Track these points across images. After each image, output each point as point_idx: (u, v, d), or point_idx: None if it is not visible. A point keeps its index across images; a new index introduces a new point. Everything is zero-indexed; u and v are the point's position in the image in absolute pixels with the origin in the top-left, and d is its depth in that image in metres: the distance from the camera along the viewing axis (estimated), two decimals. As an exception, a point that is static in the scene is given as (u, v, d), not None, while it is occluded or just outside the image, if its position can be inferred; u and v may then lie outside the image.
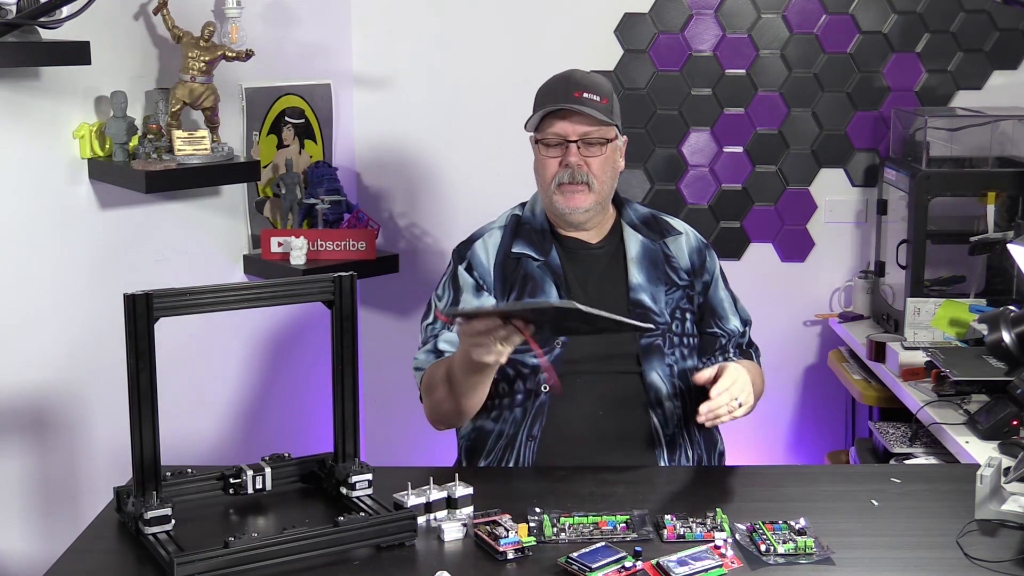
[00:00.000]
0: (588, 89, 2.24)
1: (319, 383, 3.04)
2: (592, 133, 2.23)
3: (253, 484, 1.96)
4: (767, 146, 3.51)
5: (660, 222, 2.39)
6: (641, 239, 2.33)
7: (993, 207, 3.10)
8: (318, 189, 3.22)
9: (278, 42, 3.20)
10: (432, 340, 2.26)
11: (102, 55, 2.52)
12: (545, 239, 2.31)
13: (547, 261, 2.28)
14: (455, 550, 1.80)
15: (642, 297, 2.28)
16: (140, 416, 1.75)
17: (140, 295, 1.73)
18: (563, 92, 2.24)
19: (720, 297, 2.36)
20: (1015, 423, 2.36)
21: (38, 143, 2.56)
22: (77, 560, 1.79)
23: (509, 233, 2.33)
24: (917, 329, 2.99)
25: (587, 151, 2.24)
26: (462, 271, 2.30)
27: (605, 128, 2.25)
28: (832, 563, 1.73)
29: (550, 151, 2.25)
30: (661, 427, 2.23)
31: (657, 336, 2.26)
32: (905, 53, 3.45)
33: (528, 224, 2.34)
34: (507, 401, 2.24)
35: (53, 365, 2.61)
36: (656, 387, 2.24)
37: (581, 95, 2.22)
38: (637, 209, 2.40)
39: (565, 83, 2.26)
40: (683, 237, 2.37)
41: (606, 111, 2.24)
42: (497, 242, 2.32)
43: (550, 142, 2.25)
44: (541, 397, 2.22)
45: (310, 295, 1.92)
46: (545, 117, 2.25)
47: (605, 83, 2.30)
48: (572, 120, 2.23)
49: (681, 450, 2.25)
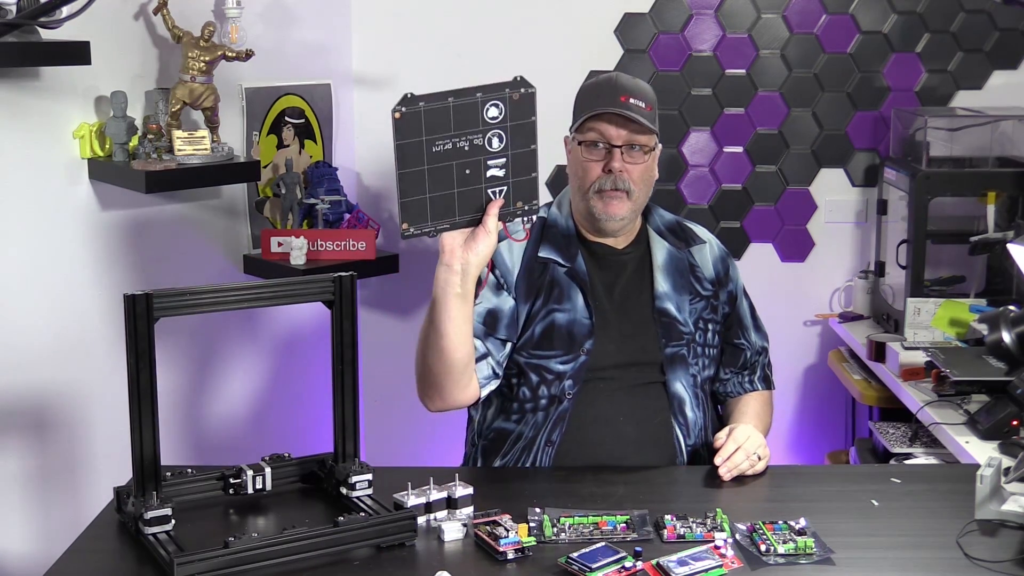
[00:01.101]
0: (635, 95, 2.21)
1: (319, 383, 3.05)
2: (637, 140, 2.21)
3: (253, 484, 1.96)
4: (767, 146, 3.51)
5: (686, 230, 2.38)
6: (668, 247, 2.32)
7: (993, 207, 3.10)
8: (318, 189, 3.21)
9: (278, 42, 3.20)
10: None
11: (102, 55, 2.52)
12: (571, 244, 2.29)
13: (573, 267, 2.26)
14: (455, 550, 1.80)
15: (667, 306, 2.27)
16: (140, 416, 1.76)
17: (140, 295, 1.73)
18: (609, 95, 2.21)
19: (744, 310, 2.37)
20: (1015, 423, 2.36)
21: (38, 143, 2.56)
22: (77, 560, 1.79)
23: (535, 236, 2.30)
24: (917, 329, 2.99)
25: (630, 158, 2.21)
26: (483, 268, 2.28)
27: (649, 136, 2.22)
28: (832, 563, 1.73)
29: (592, 153, 2.22)
30: (683, 438, 2.23)
31: (682, 346, 2.26)
32: (905, 53, 3.45)
33: (555, 227, 2.31)
34: (530, 405, 2.23)
35: (53, 365, 2.61)
36: (680, 396, 2.23)
37: (628, 100, 2.19)
38: (663, 215, 2.39)
39: (612, 86, 2.22)
40: (707, 246, 2.36)
41: (651, 119, 2.21)
42: (524, 245, 2.28)
43: (593, 143, 2.22)
44: (564, 404, 2.21)
45: (310, 295, 1.92)
46: (589, 119, 2.22)
47: (650, 90, 2.27)
48: (618, 125, 2.20)
49: (702, 462, 2.24)
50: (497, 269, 2.27)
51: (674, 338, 2.25)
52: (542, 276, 2.26)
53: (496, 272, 2.26)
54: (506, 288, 2.25)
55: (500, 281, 2.26)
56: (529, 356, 2.22)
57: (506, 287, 2.25)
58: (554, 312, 2.24)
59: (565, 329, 2.22)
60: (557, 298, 2.24)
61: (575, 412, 2.21)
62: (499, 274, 2.26)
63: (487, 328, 2.21)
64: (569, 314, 2.23)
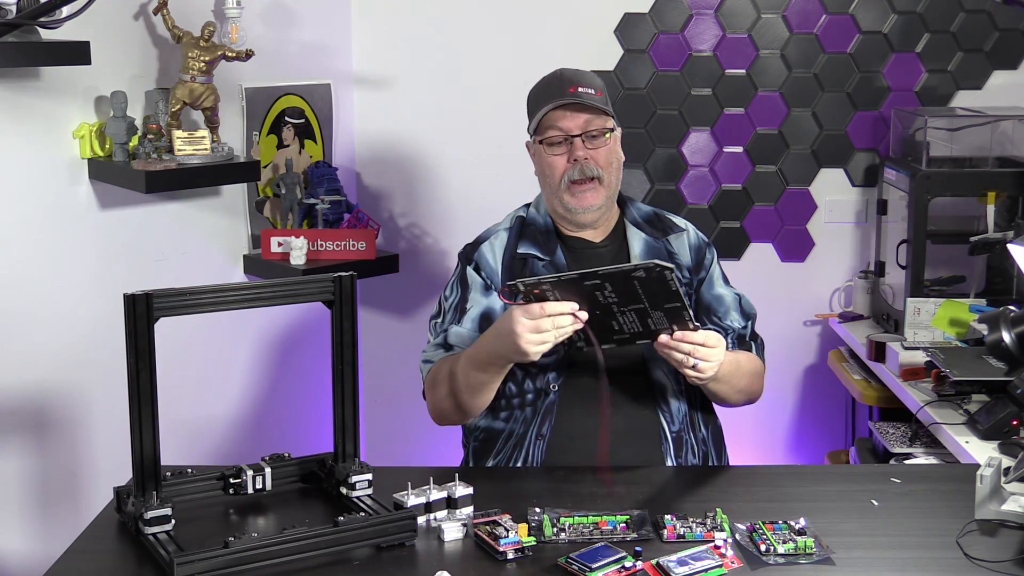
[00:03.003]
0: (581, 83, 2.25)
1: (319, 383, 3.05)
2: (594, 125, 2.24)
3: (253, 484, 1.96)
4: (767, 146, 3.51)
5: (663, 220, 2.39)
6: (644, 237, 2.33)
7: (993, 207, 3.10)
8: (318, 189, 3.22)
9: (278, 42, 3.20)
10: (442, 334, 2.27)
11: (102, 55, 2.52)
12: (550, 239, 2.31)
13: (552, 261, 2.29)
14: (455, 550, 1.80)
15: None
16: (140, 416, 1.75)
17: (140, 295, 1.73)
18: (557, 89, 2.25)
19: (717, 294, 2.35)
20: (1015, 423, 2.36)
21: (38, 143, 2.56)
22: (77, 560, 1.79)
23: (514, 234, 2.34)
24: (917, 329, 2.99)
25: (591, 143, 2.24)
26: (471, 271, 2.30)
27: (605, 118, 2.26)
28: (832, 563, 1.73)
29: (554, 149, 2.25)
30: (667, 424, 2.23)
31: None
32: (905, 53, 3.45)
33: (532, 225, 2.34)
34: (517, 401, 2.24)
35: (53, 365, 2.61)
36: (662, 384, 2.24)
37: (576, 89, 2.23)
38: (640, 208, 2.40)
39: (558, 81, 2.27)
40: (685, 235, 2.37)
41: (602, 102, 2.25)
42: (503, 243, 2.32)
43: (553, 140, 2.25)
44: (550, 396, 2.22)
45: (310, 295, 1.92)
46: (544, 117, 2.25)
47: (596, 78, 2.31)
48: (572, 114, 2.23)
49: (687, 447, 2.25)
50: (483, 271, 2.29)
51: None
52: (522, 272, 2.28)
53: (483, 274, 2.29)
54: (493, 288, 2.28)
55: (487, 282, 2.29)
56: None
57: (494, 287, 2.28)
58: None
59: None
60: None
61: (562, 404, 2.22)
62: (485, 275, 2.29)
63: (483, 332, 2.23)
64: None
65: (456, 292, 2.32)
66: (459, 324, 2.25)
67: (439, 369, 2.22)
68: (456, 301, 2.30)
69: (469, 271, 2.31)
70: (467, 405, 2.18)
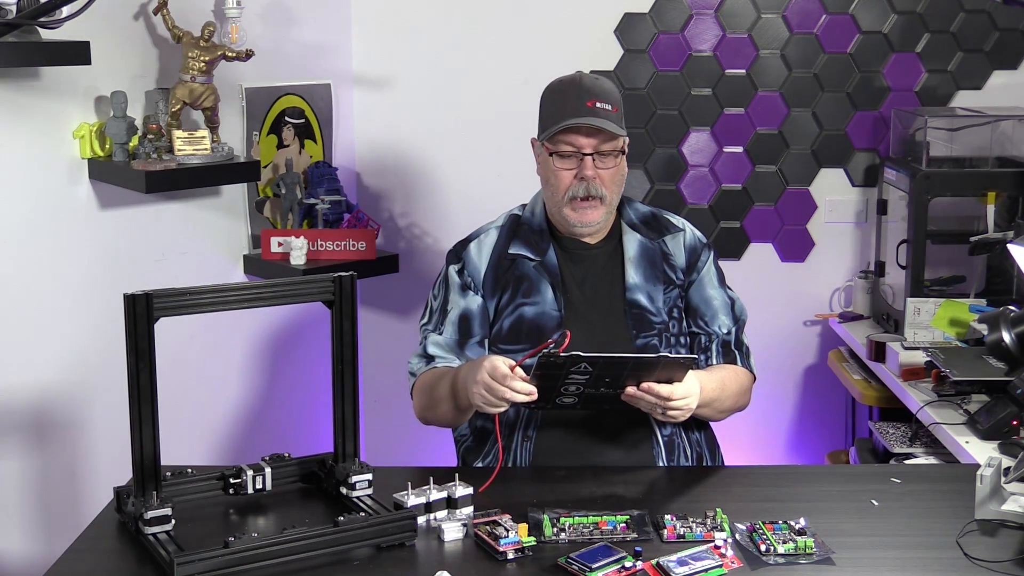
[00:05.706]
0: (600, 98, 2.21)
1: (319, 383, 3.05)
2: (607, 143, 2.22)
3: (253, 484, 1.96)
4: (767, 146, 3.51)
5: (661, 220, 2.38)
6: (639, 238, 2.33)
7: (993, 207, 3.10)
8: (318, 189, 3.22)
9: (278, 42, 3.20)
10: (423, 343, 2.29)
11: (102, 55, 2.52)
12: (543, 239, 2.31)
13: (543, 261, 2.28)
14: (455, 550, 1.80)
15: (638, 297, 2.28)
16: (140, 416, 1.76)
17: (140, 295, 1.73)
18: (575, 101, 2.21)
19: (708, 296, 2.33)
20: (1015, 423, 2.36)
21: (38, 143, 2.56)
22: (77, 560, 1.79)
23: (506, 233, 2.33)
24: (917, 329, 2.99)
25: (601, 163, 2.22)
26: (452, 272, 2.31)
27: (618, 140, 2.23)
28: (832, 563, 1.73)
29: (564, 163, 2.23)
30: (658, 426, 2.23)
31: (653, 336, 2.26)
32: (905, 53, 3.45)
33: (527, 224, 2.34)
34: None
35: (53, 365, 2.61)
36: None
37: (594, 104, 2.20)
38: (638, 208, 2.40)
39: (577, 91, 2.22)
40: (682, 235, 2.37)
41: (618, 120, 2.22)
42: (493, 242, 2.32)
43: (564, 153, 2.23)
44: None
45: (310, 295, 1.92)
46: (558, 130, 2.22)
47: (614, 89, 2.27)
48: (588, 132, 2.21)
49: (679, 450, 2.25)
50: (466, 271, 2.30)
51: (645, 329, 2.26)
52: (509, 271, 2.28)
53: (464, 274, 2.30)
54: (472, 288, 2.29)
55: (466, 281, 2.29)
56: (498, 351, 2.24)
57: (472, 287, 2.29)
58: (522, 306, 2.27)
59: (533, 322, 2.25)
60: (526, 291, 2.27)
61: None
62: (467, 275, 2.30)
63: (462, 336, 2.27)
64: (538, 307, 2.26)
65: (441, 292, 2.33)
66: (440, 330, 2.27)
67: (425, 382, 2.25)
68: (441, 302, 2.32)
69: (451, 271, 2.31)
70: (449, 419, 2.22)
